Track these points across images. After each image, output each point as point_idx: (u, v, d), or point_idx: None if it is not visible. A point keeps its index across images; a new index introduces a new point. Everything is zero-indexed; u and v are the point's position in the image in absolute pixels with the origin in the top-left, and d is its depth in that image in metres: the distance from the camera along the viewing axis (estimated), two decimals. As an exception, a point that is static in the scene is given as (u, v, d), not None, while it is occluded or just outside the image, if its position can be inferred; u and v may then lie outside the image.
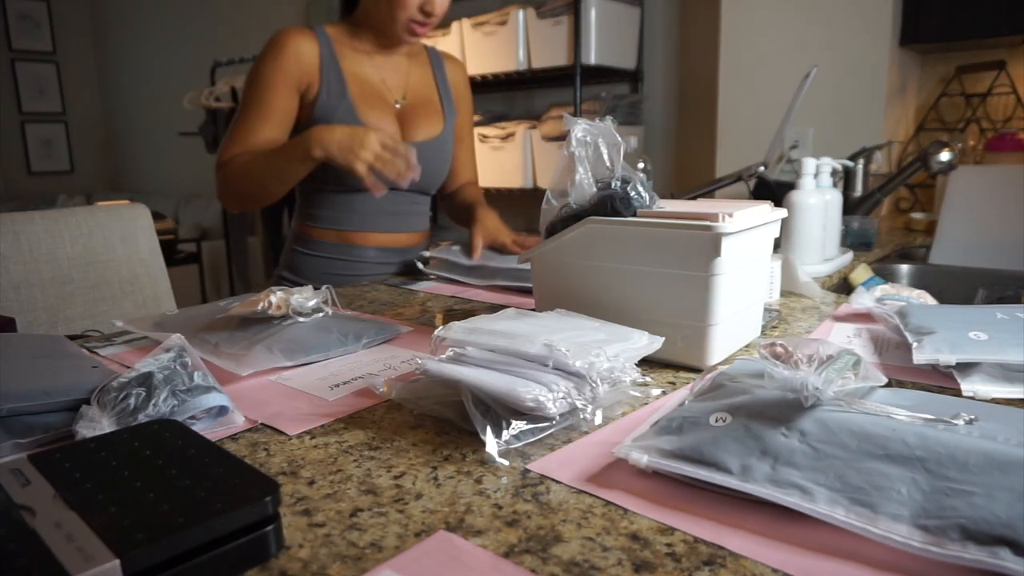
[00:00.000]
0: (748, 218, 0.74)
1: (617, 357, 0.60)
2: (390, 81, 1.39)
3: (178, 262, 4.10)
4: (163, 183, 5.35)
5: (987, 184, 1.58)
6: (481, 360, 0.60)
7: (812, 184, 1.25)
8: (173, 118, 4.77)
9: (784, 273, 1.06)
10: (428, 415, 0.62)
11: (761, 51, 2.21)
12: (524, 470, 0.51)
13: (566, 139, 0.79)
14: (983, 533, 0.38)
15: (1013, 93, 2.08)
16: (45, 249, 1.24)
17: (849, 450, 0.45)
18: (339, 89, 1.30)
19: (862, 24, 2.02)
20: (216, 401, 0.60)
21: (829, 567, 0.39)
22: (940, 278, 1.46)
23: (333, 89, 1.30)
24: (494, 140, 2.84)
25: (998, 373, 0.67)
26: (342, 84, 1.31)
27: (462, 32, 2.82)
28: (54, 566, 0.34)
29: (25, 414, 0.56)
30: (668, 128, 2.76)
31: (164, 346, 0.65)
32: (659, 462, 0.49)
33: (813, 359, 0.51)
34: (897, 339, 0.80)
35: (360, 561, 0.41)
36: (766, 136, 1.88)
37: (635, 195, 0.77)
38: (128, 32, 5.48)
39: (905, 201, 2.26)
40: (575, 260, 0.80)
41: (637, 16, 2.68)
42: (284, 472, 0.52)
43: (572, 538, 0.43)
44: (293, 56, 1.28)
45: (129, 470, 0.44)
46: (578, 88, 2.55)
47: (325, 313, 0.85)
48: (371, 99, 1.34)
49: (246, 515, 0.39)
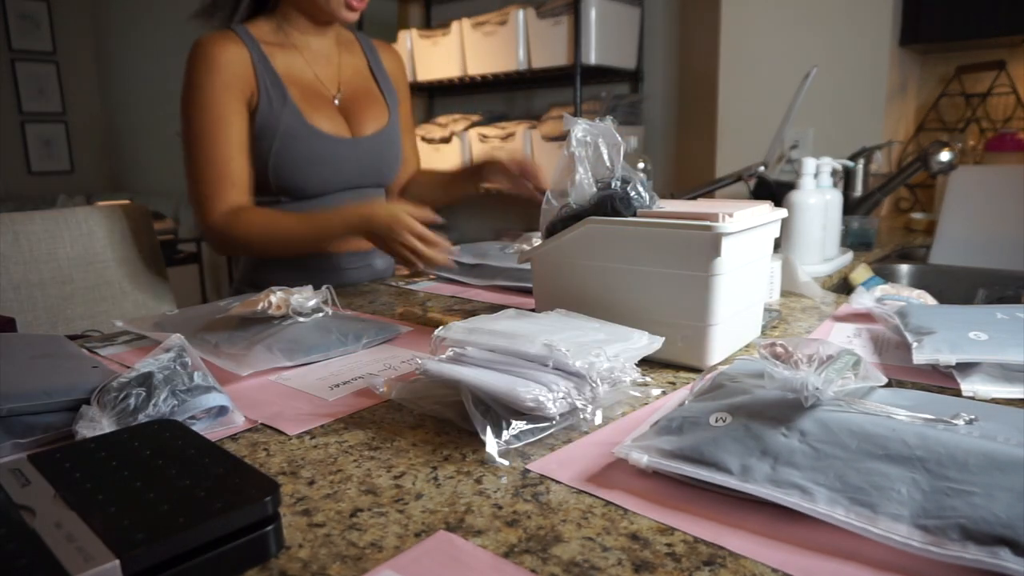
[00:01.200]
0: (748, 218, 0.74)
1: (617, 357, 0.60)
2: (323, 75, 1.30)
3: (178, 262, 4.10)
4: (163, 183, 5.35)
5: (987, 184, 1.58)
6: (481, 360, 0.60)
7: (812, 184, 1.25)
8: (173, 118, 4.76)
9: (784, 273, 1.06)
10: (428, 415, 0.62)
11: (761, 51, 2.21)
12: (524, 470, 0.51)
13: (566, 139, 0.79)
14: (983, 533, 0.38)
15: (1013, 93, 2.08)
16: (45, 249, 1.24)
17: (849, 450, 0.45)
18: (279, 94, 1.21)
19: (862, 24, 2.02)
20: (216, 401, 0.61)
21: (829, 567, 0.39)
22: (940, 278, 1.46)
23: (273, 95, 1.20)
24: (494, 140, 2.83)
25: (998, 373, 0.67)
26: (280, 88, 1.21)
27: (462, 32, 2.82)
28: (54, 566, 0.34)
29: (25, 414, 0.56)
30: (668, 128, 2.76)
31: (164, 346, 0.65)
32: (659, 462, 0.49)
33: (813, 359, 0.51)
34: (897, 339, 0.80)
35: (360, 561, 0.41)
36: (766, 136, 1.88)
37: (635, 195, 0.77)
38: (128, 32, 5.47)
39: (905, 201, 2.26)
40: (575, 260, 0.80)
41: (637, 16, 2.68)
42: (284, 472, 0.52)
43: (572, 538, 0.43)
44: (231, 67, 1.17)
45: (129, 470, 0.44)
46: (578, 88, 2.55)
47: (325, 313, 0.85)
48: (312, 99, 1.25)
49: (246, 515, 0.39)
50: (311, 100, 1.25)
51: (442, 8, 3.30)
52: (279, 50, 1.24)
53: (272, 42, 1.24)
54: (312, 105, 1.24)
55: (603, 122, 0.78)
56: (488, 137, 2.85)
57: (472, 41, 2.81)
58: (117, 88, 5.73)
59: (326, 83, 1.30)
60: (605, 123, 0.78)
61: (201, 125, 1.17)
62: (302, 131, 1.22)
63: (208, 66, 1.16)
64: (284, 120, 1.20)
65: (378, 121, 1.34)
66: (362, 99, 1.33)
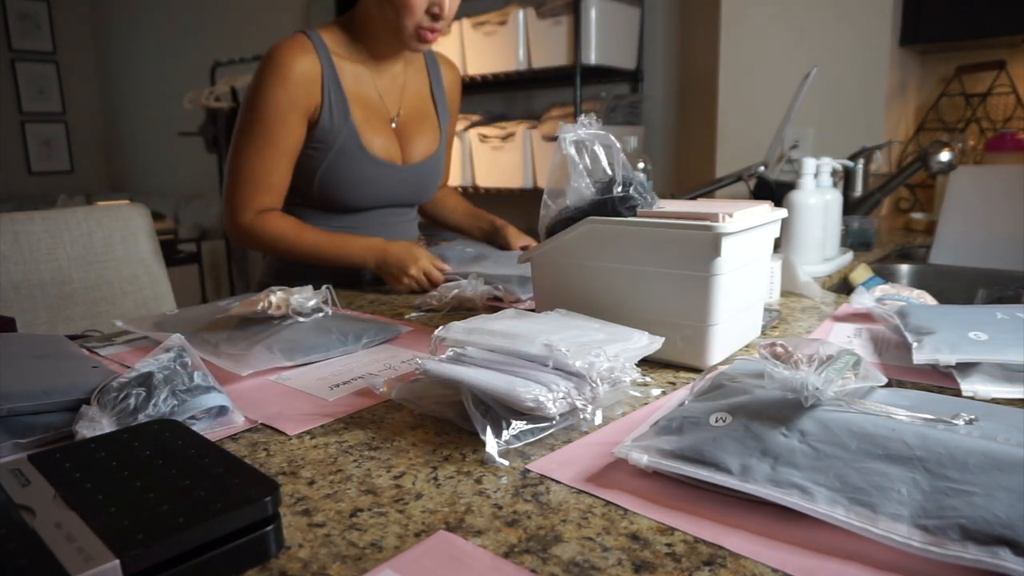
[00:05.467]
0: (748, 218, 0.74)
1: (617, 357, 0.60)
2: (387, 96, 1.31)
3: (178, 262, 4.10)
4: (163, 183, 5.35)
5: (987, 184, 1.58)
6: (481, 360, 0.60)
7: (812, 184, 1.25)
8: (173, 118, 4.76)
9: (784, 273, 1.06)
10: (428, 415, 0.62)
11: (761, 51, 2.21)
12: (524, 470, 0.51)
13: (557, 143, 0.79)
14: (983, 533, 0.38)
15: (1013, 93, 2.08)
16: (45, 249, 1.24)
17: (849, 450, 0.45)
18: (342, 111, 1.22)
19: (862, 24, 2.02)
20: (216, 401, 0.61)
21: (829, 567, 0.39)
22: (940, 278, 1.46)
23: (336, 111, 1.21)
24: (494, 140, 2.83)
25: (998, 373, 0.67)
26: (344, 106, 1.22)
27: (462, 32, 2.82)
28: (54, 566, 0.34)
29: (25, 414, 0.56)
30: (668, 128, 2.76)
31: (164, 346, 0.65)
32: (659, 462, 0.49)
33: (813, 359, 0.51)
34: (897, 339, 0.80)
35: (360, 561, 0.41)
36: (766, 136, 1.88)
37: (635, 195, 0.77)
38: (128, 32, 5.47)
39: (905, 201, 2.26)
40: (575, 260, 0.80)
41: (637, 16, 2.68)
42: (284, 472, 0.52)
43: (572, 538, 0.43)
44: (302, 82, 1.17)
45: (129, 470, 0.44)
46: (578, 88, 2.55)
47: (325, 313, 0.85)
48: (373, 121, 1.26)
49: (246, 515, 0.39)
50: (371, 121, 1.26)
51: (442, 8, 3.29)
52: (349, 64, 1.24)
53: (343, 55, 1.24)
54: (371, 126, 1.25)
55: (596, 123, 0.78)
56: (488, 137, 2.85)
57: (472, 41, 2.81)
58: (117, 88, 5.73)
59: (388, 104, 1.31)
60: (598, 125, 0.78)
61: (257, 132, 1.17)
62: (356, 152, 1.23)
63: (279, 77, 1.16)
64: (341, 138, 1.22)
65: (429, 146, 1.36)
66: (419, 123, 1.35)
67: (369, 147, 1.25)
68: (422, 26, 1.18)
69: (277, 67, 1.16)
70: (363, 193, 1.27)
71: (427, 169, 1.36)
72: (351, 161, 1.23)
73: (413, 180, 1.33)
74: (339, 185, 1.24)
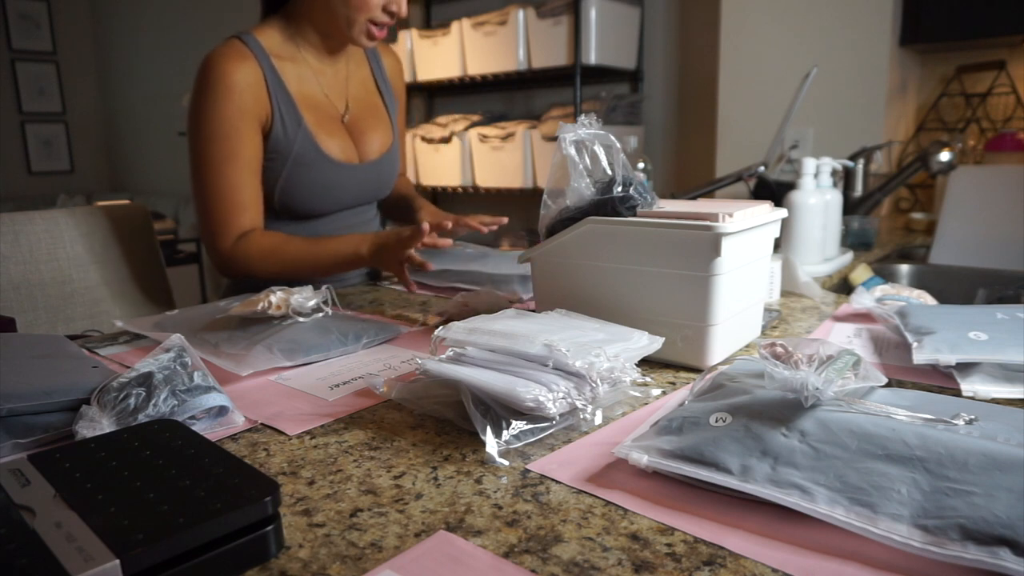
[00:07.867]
0: (748, 218, 0.74)
1: (617, 357, 0.60)
2: (332, 93, 1.26)
3: (178, 262, 4.10)
4: (163, 183, 5.35)
5: (987, 184, 1.58)
6: (481, 360, 0.60)
7: (812, 184, 1.25)
8: (173, 118, 4.76)
9: (784, 273, 1.06)
10: (428, 415, 0.62)
11: (761, 51, 2.21)
12: (524, 470, 0.51)
13: (557, 143, 0.79)
14: (983, 533, 0.38)
15: (1013, 93, 2.08)
16: (45, 249, 1.24)
17: (849, 450, 0.45)
18: (293, 118, 1.17)
19: (862, 24, 2.02)
20: (216, 401, 0.61)
21: (829, 567, 0.39)
22: (940, 278, 1.46)
23: (287, 118, 1.16)
24: (494, 140, 2.83)
25: (998, 373, 0.67)
26: (294, 111, 1.17)
27: (462, 32, 2.82)
28: (54, 566, 0.34)
29: (25, 414, 0.56)
30: (668, 128, 2.76)
31: (164, 346, 0.65)
32: (659, 462, 0.49)
33: (813, 359, 0.51)
34: (897, 339, 0.80)
35: (360, 561, 0.41)
36: (766, 136, 1.88)
37: (635, 195, 0.77)
38: (128, 32, 5.47)
39: (905, 201, 2.26)
40: (575, 260, 0.80)
41: (637, 16, 2.68)
42: (284, 472, 0.52)
43: (572, 538, 0.43)
44: (247, 90, 1.11)
45: (129, 470, 0.44)
46: (578, 88, 2.55)
47: (325, 313, 0.85)
48: (324, 122, 1.22)
49: (246, 515, 0.39)
50: (322, 123, 1.21)
51: (442, 8, 3.30)
52: (290, 64, 1.19)
53: (282, 55, 1.19)
54: (324, 128, 1.21)
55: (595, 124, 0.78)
56: (488, 137, 2.85)
57: (472, 41, 2.81)
58: (117, 88, 5.73)
59: (335, 101, 1.26)
60: (598, 125, 0.78)
61: (213, 153, 1.12)
62: (314, 158, 1.20)
63: (222, 89, 1.10)
64: (297, 145, 1.17)
65: (383, 141, 1.33)
66: (369, 117, 1.32)
67: (327, 151, 1.21)
68: (374, 21, 1.15)
69: (218, 79, 1.11)
70: (325, 198, 1.24)
71: (385, 165, 1.33)
72: (310, 168, 1.20)
73: (373, 178, 1.31)
74: (300, 194, 1.21)
